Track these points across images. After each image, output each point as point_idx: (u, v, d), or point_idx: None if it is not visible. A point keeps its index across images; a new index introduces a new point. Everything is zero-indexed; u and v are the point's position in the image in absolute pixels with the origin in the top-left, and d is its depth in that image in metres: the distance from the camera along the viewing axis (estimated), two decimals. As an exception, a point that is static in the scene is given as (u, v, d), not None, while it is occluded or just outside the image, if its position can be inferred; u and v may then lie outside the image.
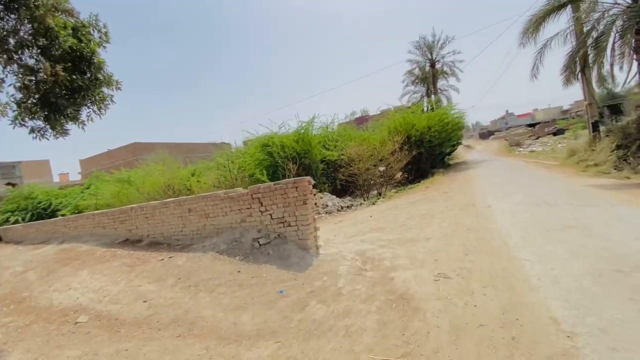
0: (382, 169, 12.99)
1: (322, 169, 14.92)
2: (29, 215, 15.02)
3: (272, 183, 5.46)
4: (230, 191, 5.99)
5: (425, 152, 15.49)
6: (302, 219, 5.11)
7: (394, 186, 13.88)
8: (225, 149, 14.66)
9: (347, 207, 11.06)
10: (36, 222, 11.45)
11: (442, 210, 7.09)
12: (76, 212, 14.44)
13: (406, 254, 4.80)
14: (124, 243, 7.05)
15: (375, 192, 13.47)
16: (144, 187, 15.21)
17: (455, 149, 20.27)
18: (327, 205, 11.02)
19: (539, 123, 52.90)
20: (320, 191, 13.72)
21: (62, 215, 14.18)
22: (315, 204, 11.42)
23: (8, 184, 19.74)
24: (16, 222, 14.59)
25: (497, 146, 31.95)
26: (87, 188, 17.33)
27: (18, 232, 11.23)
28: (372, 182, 13.15)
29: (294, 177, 13.55)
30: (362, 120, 27.45)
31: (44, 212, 15.44)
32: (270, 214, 5.40)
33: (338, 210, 10.78)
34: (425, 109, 19.41)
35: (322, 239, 6.64)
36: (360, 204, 11.43)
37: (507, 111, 76.41)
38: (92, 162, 28.72)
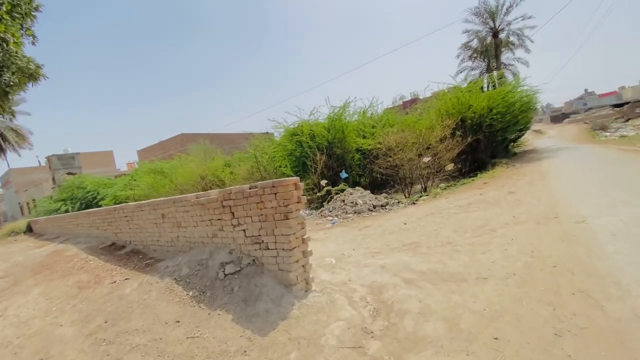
0: (427, 159, 10.60)
1: (358, 159, 12.94)
2: (77, 204, 15.49)
3: (248, 186, 3.78)
4: (202, 195, 4.44)
5: (484, 138, 12.58)
6: (283, 241, 3.38)
7: (442, 180, 11.39)
8: (255, 139, 13.32)
9: (381, 206, 9.04)
10: (55, 216, 11.38)
11: (506, 223, 4.81)
12: (117, 202, 14.46)
13: (443, 308, 2.83)
14: (107, 248, 6.01)
15: (419, 186, 11.17)
16: (176, 178, 14.72)
17: (523, 135, 16.67)
18: (356, 204, 9.11)
19: (626, 103, 43.87)
20: (352, 186, 11.80)
21: (103, 205, 14.32)
22: (343, 200, 9.58)
23: (68, 173, 21.18)
24: (66, 211, 15.21)
25: (575, 131, 26.55)
26: (132, 178, 17.55)
27: (42, 225, 11.22)
28: (415, 175, 10.85)
29: (321, 169, 11.82)
30: (410, 104, 24.41)
31: (92, 202, 15.90)
32: (244, 230, 3.76)
33: (369, 210, 8.82)
34: (485, 87, 16.09)
35: (336, 254, 4.87)
36: (398, 202, 9.31)
37: (586, 90, 65.24)
38: (147, 153, 29.92)
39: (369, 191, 10.98)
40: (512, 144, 16.51)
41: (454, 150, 10.81)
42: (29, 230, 11.74)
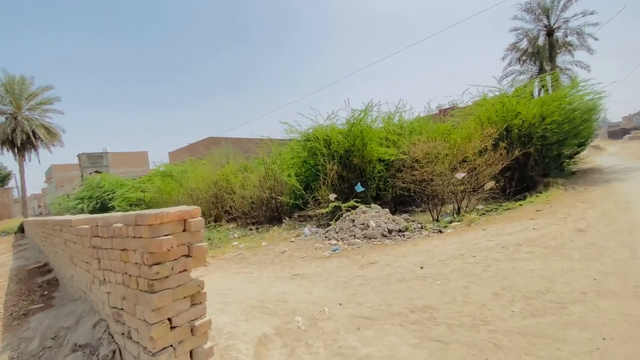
0: (462, 175, 8.56)
1: (379, 171, 11.12)
2: (93, 203, 15.18)
3: (120, 216, 2.26)
4: (81, 221, 2.93)
5: (536, 152, 10.20)
6: (144, 333, 1.78)
7: (480, 200, 9.23)
8: (264, 143, 12.02)
9: (399, 231, 7.18)
10: (35, 219, 10.69)
11: (584, 292, 2.87)
12: (129, 204, 13.86)
13: None
14: (34, 271, 4.85)
15: (451, 206, 9.12)
16: (187, 183, 13.83)
17: (583, 150, 13.79)
18: (367, 226, 7.33)
19: None
20: (372, 201, 10.01)
21: (115, 206, 13.81)
22: (353, 221, 7.84)
23: (96, 172, 21.51)
24: (81, 210, 14.97)
25: (639, 148, 22.40)
26: (149, 180, 17.08)
27: (30, 227, 10.64)
28: (446, 192, 8.84)
29: (332, 180, 10.15)
30: (447, 112, 21.95)
31: (108, 202, 15.60)
32: (108, 293, 2.23)
33: (383, 235, 7.00)
34: (536, 92, 13.54)
35: (315, 308, 3.27)
36: (421, 227, 7.39)
37: (652, 103, 57.16)
38: (177, 155, 30.10)
39: (387, 210, 9.13)
40: (568, 160, 13.70)
41: (496, 166, 8.65)
42: (21, 231, 11.33)
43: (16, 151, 17.93)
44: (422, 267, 4.24)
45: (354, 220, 7.81)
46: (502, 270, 3.61)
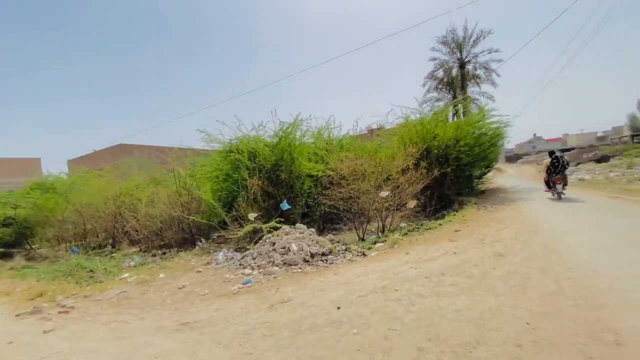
0: (386, 193, 8.33)
1: (309, 187, 10.45)
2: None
3: None
4: None
5: (452, 172, 10.65)
6: None
7: (403, 217, 9.13)
8: (175, 152, 10.40)
9: (322, 255, 6.44)
10: None
11: (519, 344, 2.38)
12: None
13: None
14: None
15: (376, 224, 8.80)
16: (78, 198, 11.27)
17: (489, 171, 15.20)
18: (288, 250, 6.44)
19: (572, 149, 46.34)
20: (293, 221, 9.20)
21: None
22: (274, 244, 6.88)
23: None
24: None
25: (531, 171, 26.23)
26: (28, 193, 13.69)
27: None
28: (372, 210, 8.50)
29: (254, 197, 9.12)
30: (375, 132, 22.72)
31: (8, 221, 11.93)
32: None
33: (305, 260, 6.18)
34: (450, 117, 14.59)
35: None
36: (346, 249, 6.78)
37: (534, 134, 69.38)
38: (79, 163, 25.58)
39: (313, 230, 8.40)
40: (477, 180, 14.93)
41: (417, 184, 8.64)
42: None
43: None
44: (339, 308, 3.48)
45: (274, 244, 6.84)
46: (427, 310, 3.02)
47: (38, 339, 3.99)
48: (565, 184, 10.70)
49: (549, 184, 11.24)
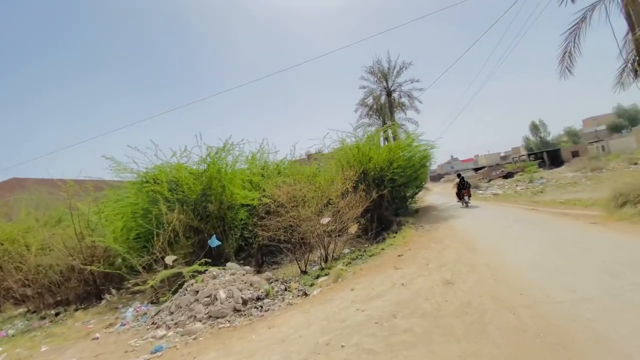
0: (327, 219, 7.76)
1: (242, 218, 9.41)
2: None
3: None
4: None
5: (388, 194, 10.65)
6: None
7: (346, 243, 8.63)
8: (69, 185, 8.53)
9: (257, 299, 5.46)
10: None
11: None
12: None
13: None
14: None
15: (319, 253, 8.12)
16: None
17: (420, 191, 15.89)
18: (215, 299, 5.31)
19: (483, 167, 52.76)
20: (226, 259, 8.07)
21: None
22: (197, 292, 5.67)
23: None
24: None
25: (454, 189, 28.70)
26: None
27: None
28: (313, 238, 7.81)
29: (175, 238, 7.77)
30: (312, 156, 22.57)
31: None
32: None
33: (236, 310, 5.13)
34: (382, 142, 15.09)
35: None
36: (285, 289, 5.89)
37: (452, 156, 77.77)
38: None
39: (248, 268, 7.38)
40: (410, 200, 15.45)
41: (357, 208, 8.28)
42: None
43: None
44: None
45: (197, 292, 5.64)
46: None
47: None
48: (469, 196, 15.03)
49: (459, 196, 15.30)
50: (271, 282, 6.39)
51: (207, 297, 5.43)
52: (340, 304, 4.08)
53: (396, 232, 9.71)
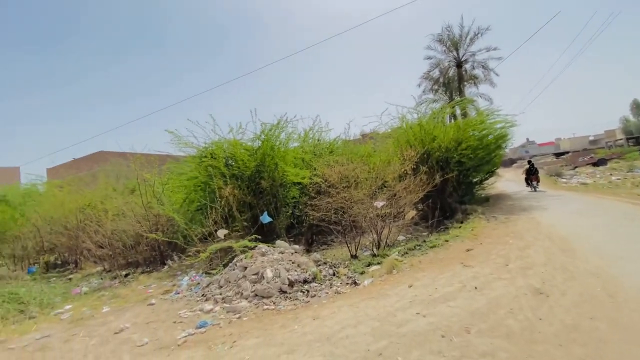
0: (381, 203, 7.08)
1: (294, 197, 9.19)
2: None
3: None
4: None
5: (453, 179, 9.45)
6: None
7: (402, 229, 7.87)
8: (136, 158, 9.09)
9: (304, 282, 5.14)
10: None
11: None
12: None
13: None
14: None
15: (370, 239, 7.55)
16: (38, 210, 9.87)
17: (491, 176, 14.03)
18: (262, 278, 5.12)
19: (567, 152, 45.66)
20: (278, 236, 7.93)
21: None
22: (245, 268, 5.56)
23: None
24: None
25: (523, 175, 25.21)
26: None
27: None
28: (365, 222, 7.23)
29: (229, 212, 7.80)
30: (367, 136, 21.55)
31: None
32: None
33: (281, 291, 4.87)
34: (448, 120, 13.48)
35: None
36: (333, 274, 5.48)
37: (527, 139, 68.77)
38: (58, 172, 24.12)
39: (297, 247, 7.12)
40: (478, 186, 13.75)
41: (417, 193, 7.40)
42: None
43: None
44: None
45: (245, 268, 5.52)
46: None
47: None
48: (538, 181, 15.30)
49: (528, 182, 15.48)
50: (319, 265, 6.03)
51: (254, 274, 5.27)
52: (396, 303, 3.49)
53: (461, 222, 8.62)
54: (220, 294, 5.15)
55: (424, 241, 6.71)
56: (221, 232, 6.62)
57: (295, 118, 9.55)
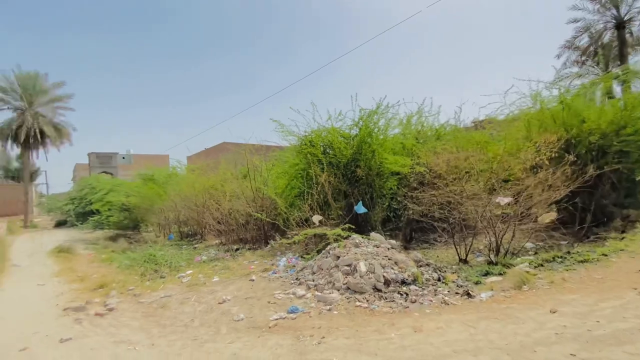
0: (506, 200, 5.72)
1: (391, 188, 8.51)
2: (83, 204, 13.76)
3: None
4: None
5: (614, 174, 7.06)
6: None
7: (530, 235, 6.25)
8: (244, 148, 9.86)
9: (402, 283, 4.49)
10: None
11: None
12: (107, 209, 12.21)
13: None
14: None
15: (485, 242, 6.30)
16: (175, 188, 11.97)
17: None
18: (355, 270, 4.70)
19: None
20: (371, 228, 7.42)
21: (96, 210, 12.28)
22: (338, 258, 5.25)
23: (104, 172, 20.70)
24: (68, 211, 13.70)
25: None
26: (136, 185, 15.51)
27: None
28: (479, 222, 6.03)
29: (324, 199, 7.63)
30: (481, 124, 18.50)
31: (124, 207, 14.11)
32: None
33: (376, 289, 4.35)
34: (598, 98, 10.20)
35: None
36: (438, 279, 4.65)
37: None
38: (194, 159, 29.16)
39: (394, 242, 6.47)
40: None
41: (558, 191, 5.69)
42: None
43: (19, 147, 17.42)
44: None
45: (338, 258, 5.23)
46: None
47: (48, 351, 3.38)
48: None
49: None
50: (420, 266, 5.26)
51: (346, 265, 4.92)
52: (533, 332, 2.54)
53: (622, 232, 6.37)
54: (313, 281, 4.99)
55: (568, 252, 5.11)
56: (316, 218, 6.53)
57: (398, 103, 8.71)
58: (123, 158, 27.71)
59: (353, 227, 6.48)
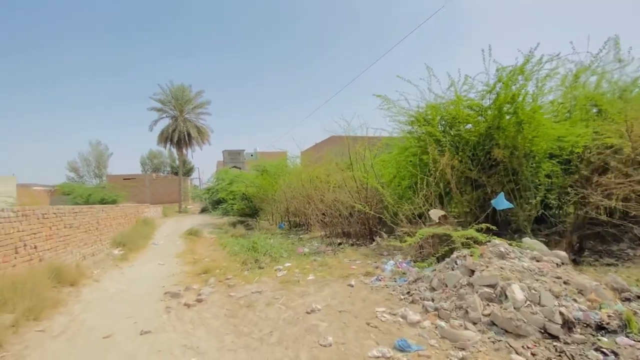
0: None
1: (549, 174, 6.02)
2: (214, 194, 15.68)
3: None
4: None
5: None
6: None
7: None
8: (348, 138, 8.80)
9: (597, 328, 2.52)
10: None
11: None
12: (231, 197, 13.40)
13: None
14: None
15: None
16: (284, 179, 12.14)
17: None
18: (504, 297, 2.96)
19: None
20: (516, 231, 5.23)
21: (222, 198, 13.63)
22: (472, 273, 3.52)
23: (234, 167, 23.37)
24: (206, 199, 15.72)
25: None
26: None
27: None
28: None
29: (445, 189, 5.73)
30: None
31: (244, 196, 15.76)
32: None
33: (545, 333, 2.56)
34: None
35: None
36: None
37: None
38: (307, 153, 30.45)
39: (562, 255, 4.22)
40: None
41: None
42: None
43: (174, 147, 21.69)
44: None
45: (472, 272, 3.54)
46: None
47: (126, 342, 3.12)
48: None
49: None
50: (628, 299, 3.05)
51: (487, 286, 3.21)
52: None
53: None
54: (432, 301, 3.50)
55: None
56: (434, 214, 4.89)
57: (558, 55, 5.96)
58: (251, 155, 31.32)
59: (491, 227, 4.55)
